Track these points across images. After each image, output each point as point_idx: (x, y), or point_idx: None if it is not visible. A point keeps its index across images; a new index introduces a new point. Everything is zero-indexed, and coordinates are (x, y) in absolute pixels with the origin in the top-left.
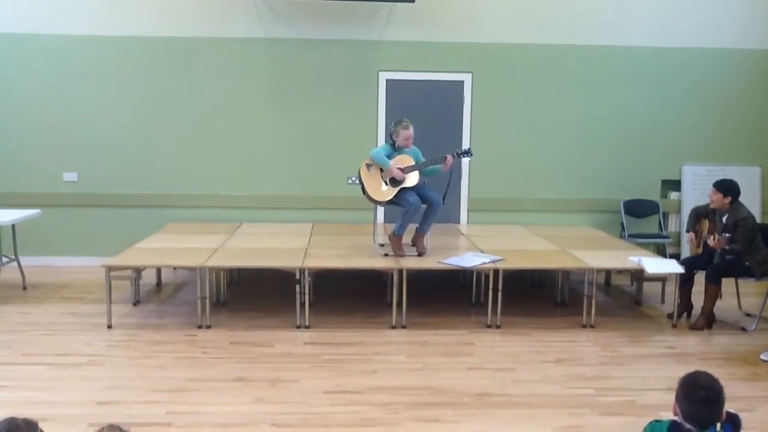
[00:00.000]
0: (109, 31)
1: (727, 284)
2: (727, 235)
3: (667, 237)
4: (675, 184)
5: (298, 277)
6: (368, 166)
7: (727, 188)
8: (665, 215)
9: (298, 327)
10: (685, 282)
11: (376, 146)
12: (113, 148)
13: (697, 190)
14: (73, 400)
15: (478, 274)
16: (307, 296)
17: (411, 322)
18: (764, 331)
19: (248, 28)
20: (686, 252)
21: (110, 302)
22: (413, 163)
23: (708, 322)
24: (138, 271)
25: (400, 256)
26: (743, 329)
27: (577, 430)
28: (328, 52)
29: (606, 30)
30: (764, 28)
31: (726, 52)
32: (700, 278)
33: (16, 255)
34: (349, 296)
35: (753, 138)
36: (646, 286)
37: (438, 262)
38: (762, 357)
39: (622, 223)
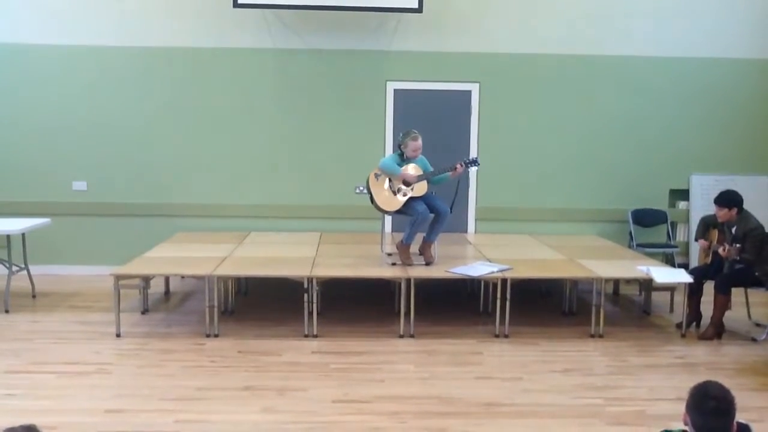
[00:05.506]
0: (120, 42)
1: (737, 294)
2: (737, 245)
3: (675, 246)
4: (683, 194)
5: (305, 286)
6: (377, 175)
7: (730, 201)
8: (673, 225)
9: (306, 336)
10: (695, 292)
11: (384, 156)
12: (123, 157)
13: (705, 199)
14: (82, 409)
15: (486, 283)
16: (314, 305)
17: (419, 331)
18: None
19: (257, 39)
20: (695, 261)
21: (119, 311)
22: (422, 172)
23: (717, 332)
24: (146, 280)
25: (408, 265)
26: (753, 339)
27: None
28: (336, 62)
29: (613, 40)
30: None
31: (734, 61)
32: (709, 288)
33: (25, 263)
34: (356, 305)
35: (762, 147)
36: (655, 295)
37: (446, 272)
38: None
39: (630, 233)
